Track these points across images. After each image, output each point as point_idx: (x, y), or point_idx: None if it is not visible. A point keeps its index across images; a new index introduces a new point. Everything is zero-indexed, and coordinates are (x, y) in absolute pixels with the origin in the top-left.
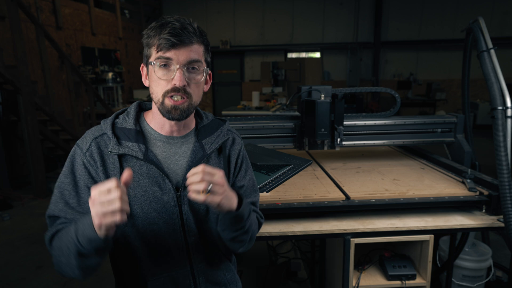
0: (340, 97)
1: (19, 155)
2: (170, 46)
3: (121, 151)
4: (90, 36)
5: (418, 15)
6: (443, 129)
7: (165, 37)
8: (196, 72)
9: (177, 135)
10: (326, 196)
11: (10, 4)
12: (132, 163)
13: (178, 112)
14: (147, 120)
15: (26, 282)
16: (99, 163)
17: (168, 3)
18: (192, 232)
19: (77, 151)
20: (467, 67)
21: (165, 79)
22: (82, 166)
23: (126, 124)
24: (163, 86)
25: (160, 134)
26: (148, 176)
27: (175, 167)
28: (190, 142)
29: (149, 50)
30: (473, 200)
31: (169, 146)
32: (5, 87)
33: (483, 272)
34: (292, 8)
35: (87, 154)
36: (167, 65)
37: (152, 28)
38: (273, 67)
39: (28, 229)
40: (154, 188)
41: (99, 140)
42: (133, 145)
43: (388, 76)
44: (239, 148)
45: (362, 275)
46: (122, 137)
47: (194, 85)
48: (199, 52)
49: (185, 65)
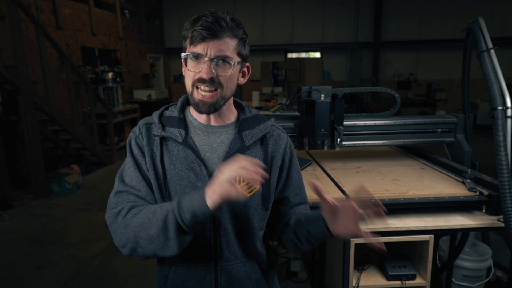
0: (340, 97)
1: (19, 155)
2: (201, 40)
3: (162, 134)
4: (90, 36)
5: (418, 15)
6: (443, 129)
7: (197, 30)
8: (225, 66)
9: (215, 124)
10: None
11: (10, 4)
12: (172, 146)
13: (207, 107)
14: (191, 111)
15: (26, 282)
16: (146, 145)
17: (168, 3)
18: (223, 227)
19: (131, 135)
20: (467, 67)
21: (193, 70)
22: (136, 145)
23: (172, 113)
24: (192, 76)
25: (199, 122)
26: (185, 160)
27: (212, 155)
28: (230, 132)
29: (185, 42)
30: (473, 200)
31: (207, 135)
32: (5, 87)
33: (483, 272)
34: (292, 8)
35: (139, 136)
36: (197, 57)
37: (190, 21)
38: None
39: (28, 229)
40: (189, 173)
41: (148, 126)
42: (174, 130)
43: (388, 76)
44: (285, 144)
45: (362, 275)
46: (166, 124)
47: (224, 77)
48: (230, 46)
49: (213, 59)
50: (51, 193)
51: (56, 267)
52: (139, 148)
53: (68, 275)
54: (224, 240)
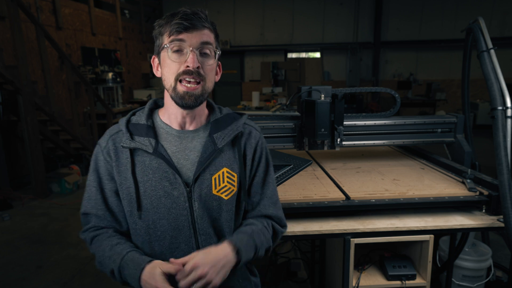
0: (340, 97)
1: (19, 155)
2: (183, 29)
3: (131, 145)
4: (90, 36)
5: (418, 15)
6: (443, 129)
7: (177, 22)
8: (208, 56)
9: (189, 128)
10: (326, 196)
11: (10, 4)
12: (143, 157)
13: (193, 99)
14: (160, 115)
15: (26, 282)
16: (114, 159)
17: (168, 3)
18: (203, 230)
19: (97, 149)
20: (467, 67)
21: (178, 61)
22: (103, 162)
23: (140, 120)
24: (176, 69)
25: (171, 128)
26: (158, 170)
27: (185, 161)
28: (201, 136)
29: (161, 38)
30: (473, 200)
31: (179, 141)
32: (5, 87)
33: (483, 272)
34: (292, 8)
35: (104, 151)
36: (180, 49)
37: (164, 18)
38: (273, 67)
39: (28, 229)
40: (163, 182)
41: (115, 137)
42: (144, 139)
43: (388, 76)
44: (256, 142)
45: (362, 275)
46: (135, 132)
47: (207, 68)
48: (211, 37)
49: (197, 48)
50: (51, 193)
51: (56, 267)
52: (106, 166)
53: (68, 275)
54: (206, 243)
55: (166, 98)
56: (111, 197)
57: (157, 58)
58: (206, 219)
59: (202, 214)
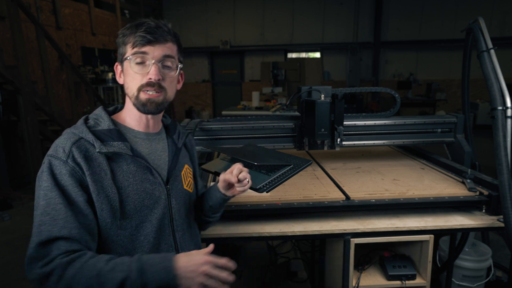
0: (340, 97)
1: (19, 155)
2: (146, 43)
3: (110, 150)
4: (90, 36)
5: (418, 15)
6: (443, 129)
7: (141, 34)
8: (170, 68)
9: (153, 131)
10: (326, 196)
11: (10, 4)
12: (119, 163)
13: (154, 105)
14: (120, 121)
15: (26, 282)
16: (85, 167)
17: (168, 3)
18: (179, 227)
19: (54, 162)
20: (467, 67)
21: (140, 73)
22: (66, 175)
23: (103, 126)
24: (138, 80)
25: (138, 131)
26: (137, 173)
27: (159, 162)
28: (163, 138)
29: (125, 47)
30: (473, 200)
31: (149, 143)
32: (5, 87)
33: (483, 272)
34: (292, 8)
35: (69, 162)
36: (142, 60)
37: (128, 28)
38: (273, 67)
39: (28, 229)
40: (145, 184)
41: (78, 145)
42: (119, 143)
43: (388, 76)
44: (192, 142)
45: (362, 275)
46: (104, 138)
47: (168, 80)
48: (173, 50)
49: (160, 60)
50: None
51: None
52: (74, 176)
53: None
54: (183, 240)
55: (128, 104)
56: (86, 210)
57: (120, 66)
58: (181, 214)
59: (178, 210)
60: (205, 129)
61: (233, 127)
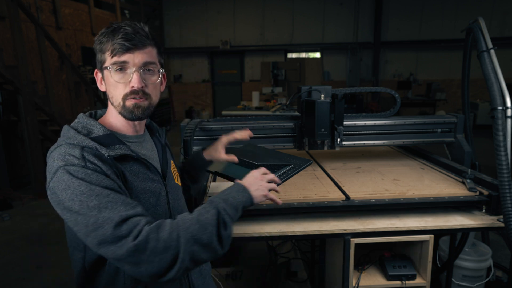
0: (340, 97)
1: (19, 155)
2: (125, 50)
3: (118, 153)
4: (90, 36)
5: (418, 15)
6: (443, 129)
7: (119, 42)
8: (152, 73)
9: (140, 133)
10: (326, 196)
11: (10, 4)
12: (124, 165)
13: (140, 110)
14: (113, 127)
15: (26, 282)
16: (104, 168)
17: (168, 3)
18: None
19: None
20: (467, 67)
21: (122, 82)
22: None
23: (98, 133)
24: (122, 89)
25: (129, 135)
26: (140, 173)
27: (153, 161)
28: (149, 138)
29: (103, 55)
30: (473, 200)
31: (140, 144)
32: (5, 87)
33: (483, 272)
34: (292, 8)
35: (88, 165)
36: (123, 68)
37: (104, 34)
38: (273, 67)
39: (28, 229)
40: (147, 183)
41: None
42: (121, 146)
43: (388, 76)
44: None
45: (362, 275)
46: (106, 143)
47: (151, 86)
48: (153, 54)
49: (141, 67)
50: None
51: (56, 267)
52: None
53: (68, 275)
54: None
55: (112, 112)
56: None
57: (100, 72)
58: (178, 209)
59: (174, 204)
60: (205, 129)
61: (233, 127)
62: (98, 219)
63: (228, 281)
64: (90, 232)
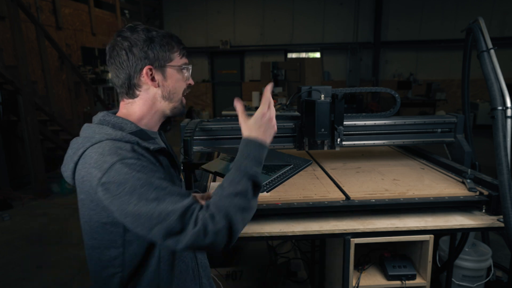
0: (340, 97)
1: (19, 155)
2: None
3: (157, 146)
4: (90, 36)
5: (418, 15)
6: (443, 129)
7: (184, 47)
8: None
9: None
10: (326, 196)
11: (10, 4)
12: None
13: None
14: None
15: (26, 282)
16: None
17: (168, 3)
18: None
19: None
20: (467, 67)
21: (186, 81)
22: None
23: (131, 129)
24: (184, 85)
25: (153, 131)
26: (167, 168)
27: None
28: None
29: (170, 54)
30: (473, 200)
31: (159, 141)
32: (5, 87)
33: (483, 272)
34: (292, 8)
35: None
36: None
37: (164, 35)
38: (273, 67)
39: (28, 229)
40: (174, 178)
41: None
42: (154, 141)
43: (388, 76)
44: None
45: (362, 275)
46: (143, 138)
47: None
48: None
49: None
50: (51, 193)
51: (56, 267)
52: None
53: (68, 275)
54: None
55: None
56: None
57: (155, 70)
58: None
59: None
60: (205, 129)
61: (233, 127)
62: (162, 211)
63: (228, 281)
64: (155, 224)
